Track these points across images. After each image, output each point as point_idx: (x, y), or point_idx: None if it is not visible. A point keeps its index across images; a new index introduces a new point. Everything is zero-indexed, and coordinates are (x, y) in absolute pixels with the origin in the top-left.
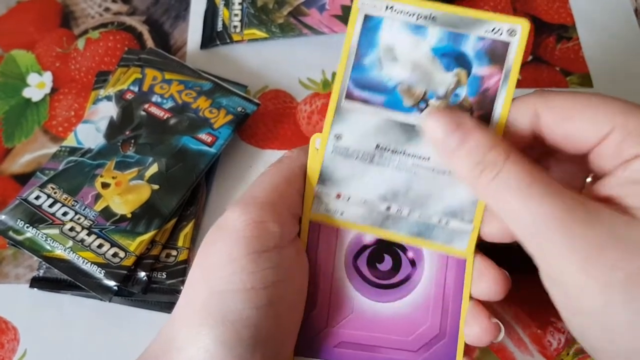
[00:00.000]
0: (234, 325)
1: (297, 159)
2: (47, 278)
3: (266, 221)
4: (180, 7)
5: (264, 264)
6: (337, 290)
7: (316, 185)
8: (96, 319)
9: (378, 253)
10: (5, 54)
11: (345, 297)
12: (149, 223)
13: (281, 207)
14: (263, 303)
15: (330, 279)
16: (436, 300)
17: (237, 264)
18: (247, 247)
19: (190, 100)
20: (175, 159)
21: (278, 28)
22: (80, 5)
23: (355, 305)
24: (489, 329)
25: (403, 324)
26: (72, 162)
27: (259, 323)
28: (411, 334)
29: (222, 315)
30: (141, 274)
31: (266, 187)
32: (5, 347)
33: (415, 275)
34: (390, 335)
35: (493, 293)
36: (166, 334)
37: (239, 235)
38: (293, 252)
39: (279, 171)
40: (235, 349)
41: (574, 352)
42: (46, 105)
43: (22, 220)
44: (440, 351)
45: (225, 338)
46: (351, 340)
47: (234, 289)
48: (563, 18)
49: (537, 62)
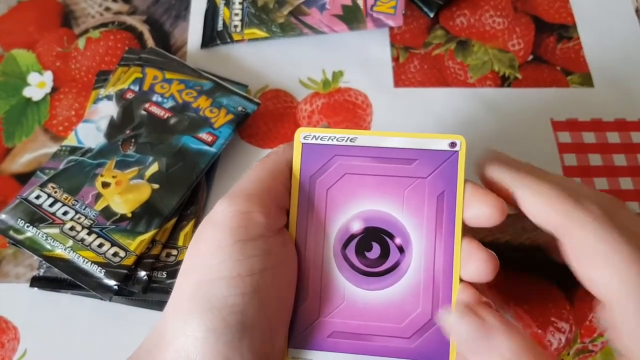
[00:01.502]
0: (220, 312)
1: (283, 154)
2: (48, 277)
3: (252, 212)
4: (180, 6)
5: (250, 251)
6: (327, 281)
7: None
8: (96, 318)
9: (366, 241)
10: (6, 53)
11: (336, 287)
12: (149, 222)
13: (267, 199)
14: (249, 290)
15: (320, 269)
16: (426, 285)
17: (224, 252)
18: (233, 236)
19: (190, 99)
20: (175, 158)
21: (278, 27)
22: (80, 5)
23: (346, 295)
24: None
25: (394, 311)
26: (72, 161)
27: (245, 310)
28: (403, 320)
29: (209, 302)
30: (141, 274)
31: (252, 181)
32: (5, 347)
33: (404, 262)
34: (382, 323)
35: (482, 274)
36: (158, 329)
37: (225, 226)
38: (279, 242)
39: (265, 165)
40: (224, 335)
41: (575, 352)
42: (47, 105)
43: (22, 219)
44: (434, 337)
45: (213, 325)
46: (344, 329)
47: (221, 276)
48: (564, 18)
49: (537, 62)
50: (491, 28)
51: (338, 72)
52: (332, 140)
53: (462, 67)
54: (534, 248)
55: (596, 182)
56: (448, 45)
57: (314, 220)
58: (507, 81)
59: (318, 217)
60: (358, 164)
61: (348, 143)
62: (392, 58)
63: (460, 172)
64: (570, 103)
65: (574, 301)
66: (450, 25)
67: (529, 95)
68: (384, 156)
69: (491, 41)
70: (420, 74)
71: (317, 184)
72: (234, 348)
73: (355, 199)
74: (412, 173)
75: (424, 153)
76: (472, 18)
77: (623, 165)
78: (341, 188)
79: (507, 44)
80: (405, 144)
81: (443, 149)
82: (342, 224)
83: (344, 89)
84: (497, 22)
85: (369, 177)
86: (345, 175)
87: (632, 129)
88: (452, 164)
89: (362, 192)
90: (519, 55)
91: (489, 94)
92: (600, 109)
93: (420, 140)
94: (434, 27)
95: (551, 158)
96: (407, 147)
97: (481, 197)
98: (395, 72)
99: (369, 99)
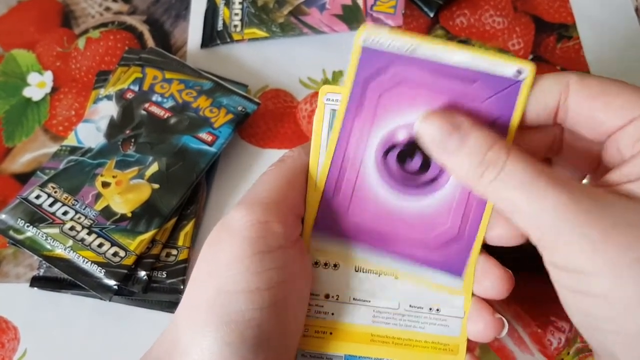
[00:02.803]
0: (237, 326)
1: (298, 158)
2: (48, 277)
3: (270, 221)
4: (180, 6)
5: (269, 264)
6: (362, 181)
7: None
8: (96, 318)
9: (409, 151)
10: (6, 53)
11: (369, 188)
12: (149, 222)
13: (284, 207)
14: (267, 304)
15: (357, 170)
16: (459, 204)
17: (242, 264)
18: (252, 247)
19: (190, 99)
20: (175, 158)
21: (278, 27)
22: (80, 5)
23: (379, 198)
24: (493, 324)
25: (424, 222)
26: (72, 161)
27: (263, 324)
28: (431, 232)
29: (227, 315)
30: (141, 273)
31: (269, 188)
32: (5, 347)
33: (443, 177)
34: (410, 231)
35: (497, 291)
36: (170, 336)
37: (243, 236)
38: (296, 253)
39: (281, 171)
40: (240, 350)
41: (575, 352)
42: (47, 105)
43: (22, 219)
44: (454, 252)
45: (230, 339)
46: (371, 228)
47: (239, 289)
48: (564, 17)
49: (537, 62)
50: (491, 28)
51: (338, 72)
52: (392, 47)
53: None
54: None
55: None
56: None
57: (360, 121)
58: None
59: (365, 119)
60: (416, 75)
61: (408, 53)
62: None
63: (520, 102)
64: None
65: None
66: (450, 25)
67: None
68: (444, 71)
69: (491, 41)
70: None
71: (370, 87)
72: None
73: (407, 109)
74: (469, 94)
75: (486, 76)
76: (472, 18)
77: None
78: (394, 96)
79: (507, 44)
80: (469, 63)
81: (507, 75)
82: (388, 130)
83: None
84: (497, 22)
85: (424, 90)
86: (401, 84)
87: None
88: (513, 92)
89: (414, 104)
90: (519, 55)
91: None
92: None
93: (486, 60)
94: (434, 27)
95: None
96: (470, 67)
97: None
98: None
99: None
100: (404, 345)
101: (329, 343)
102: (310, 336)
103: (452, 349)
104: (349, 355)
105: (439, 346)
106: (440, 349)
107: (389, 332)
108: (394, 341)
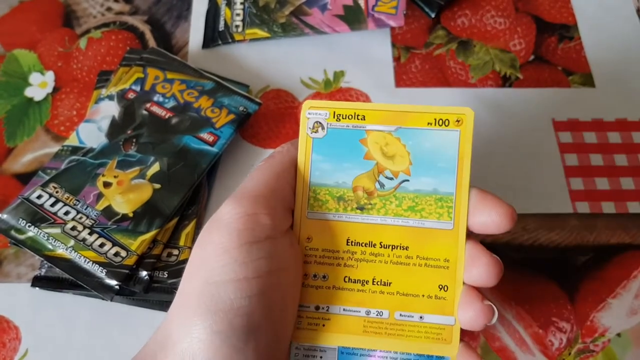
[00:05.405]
0: (226, 315)
1: (287, 153)
2: (49, 277)
3: (258, 213)
4: (182, 6)
5: (256, 254)
6: None
7: None
8: (98, 318)
9: None
10: (8, 53)
11: None
12: (150, 222)
13: (273, 200)
14: (255, 292)
15: None
16: None
17: (230, 254)
18: (240, 238)
19: (192, 99)
20: (176, 158)
21: (280, 28)
22: (82, 5)
23: None
24: (483, 311)
25: None
26: (74, 161)
27: (252, 313)
28: None
29: (215, 305)
30: (143, 273)
31: (258, 182)
32: (6, 347)
33: None
34: None
35: (486, 278)
36: (163, 331)
37: (231, 228)
38: (286, 243)
39: (270, 166)
40: (229, 338)
41: (576, 352)
42: (48, 105)
43: (23, 219)
44: None
45: (218, 328)
46: None
47: (227, 279)
48: (565, 18)
49: (538, 62)
50: (492, 28)
51: (339, 72)
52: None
53: (463, 67)
54: (534, 248)
55: (597, 182)
56: (449, 46)
57: None
58: (508, 81)
59: None
60: None
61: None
62: (393, 58)
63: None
64: (571, 103)
65: (575, 301)
66: (451, 26)
67: (530, 95)
68: None
69: (492, 41)
70: (422, 74)
71: None
72: (239, 351)
73: None
74: None
75: None
76: (474, 18)
77: (624, 165)
78: None
79: (508, 44)
80: None
81: None
82: None
83: (345, 89)
84: (499, 22)
85: None
86: None
87: (634, 129)
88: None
89: None
90: (520, 56)
91: (490, 94)
92: (601, 109)
93: None
94: (435, 27)
95: (552, 158)
96: None
97: (489, 204)
98: (397, 72)
99: (370, 99)
100: (397, 336)
101: (322, 335)
102: (304, 328)
103: (445, 337)
104: (342, 347)
105: (432, 335)
106: (433, 339)
107: (381, 322)
108: (387, 332)
